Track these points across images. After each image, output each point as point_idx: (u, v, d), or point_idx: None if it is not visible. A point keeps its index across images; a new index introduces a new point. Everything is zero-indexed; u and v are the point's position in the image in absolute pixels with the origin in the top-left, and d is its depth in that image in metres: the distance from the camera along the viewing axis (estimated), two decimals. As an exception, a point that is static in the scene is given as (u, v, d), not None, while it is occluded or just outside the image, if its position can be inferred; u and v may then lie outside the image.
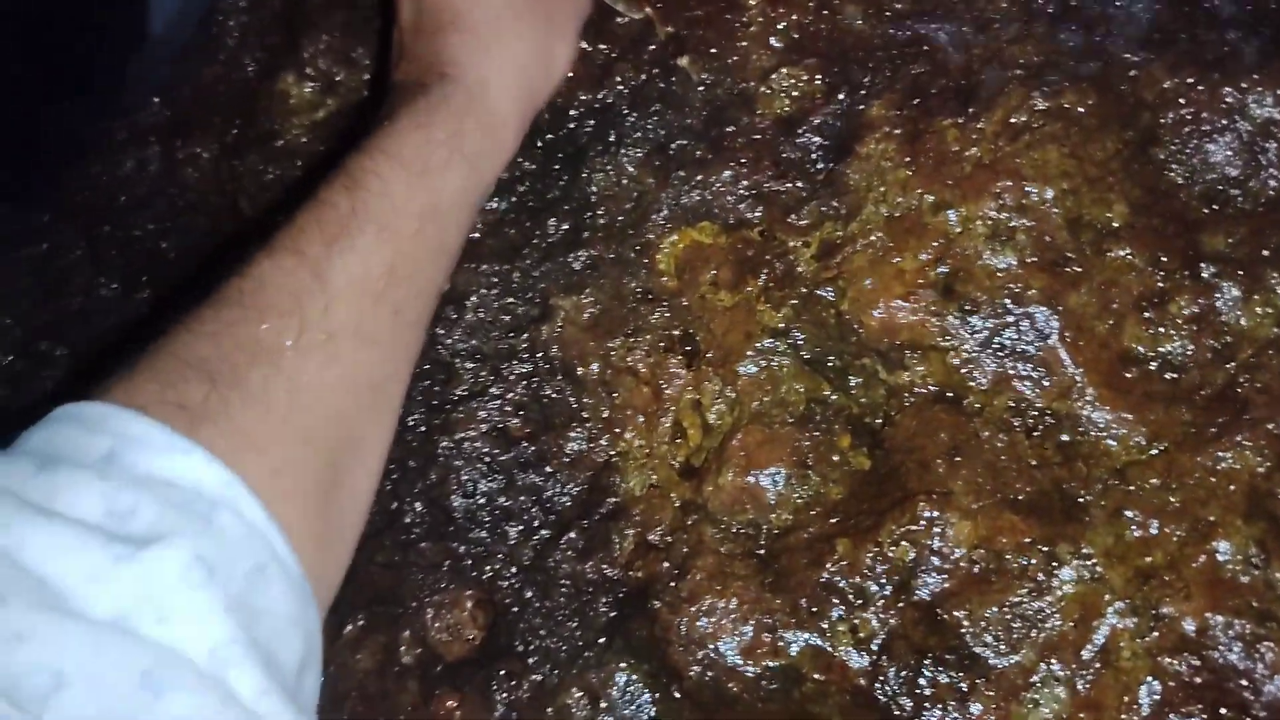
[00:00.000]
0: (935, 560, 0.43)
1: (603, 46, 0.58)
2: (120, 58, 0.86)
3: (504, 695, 0.48)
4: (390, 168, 0.41)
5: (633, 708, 0.46)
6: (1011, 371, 0.46)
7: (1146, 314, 0.45)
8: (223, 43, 0.72)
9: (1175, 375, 0.44)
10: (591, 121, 0.57)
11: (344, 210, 0.40)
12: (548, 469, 0.53)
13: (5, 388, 0.72)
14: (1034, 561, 0.42)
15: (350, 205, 0.40)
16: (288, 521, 0.35)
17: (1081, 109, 0.49)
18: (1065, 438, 0.44)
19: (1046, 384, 0.45)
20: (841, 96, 0.53)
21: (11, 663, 0.27)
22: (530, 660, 0.49)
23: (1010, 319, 0.46)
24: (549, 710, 0.47)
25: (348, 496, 0.40)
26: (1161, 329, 0.45)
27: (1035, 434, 0.45)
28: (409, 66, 0.48)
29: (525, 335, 0.55)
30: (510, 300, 0.56)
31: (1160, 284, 0.45)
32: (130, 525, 0.31)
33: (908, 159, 0.50)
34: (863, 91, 0.53)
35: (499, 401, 0.54)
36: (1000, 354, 0.46)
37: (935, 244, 0.48)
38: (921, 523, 0.43)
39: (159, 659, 0.29)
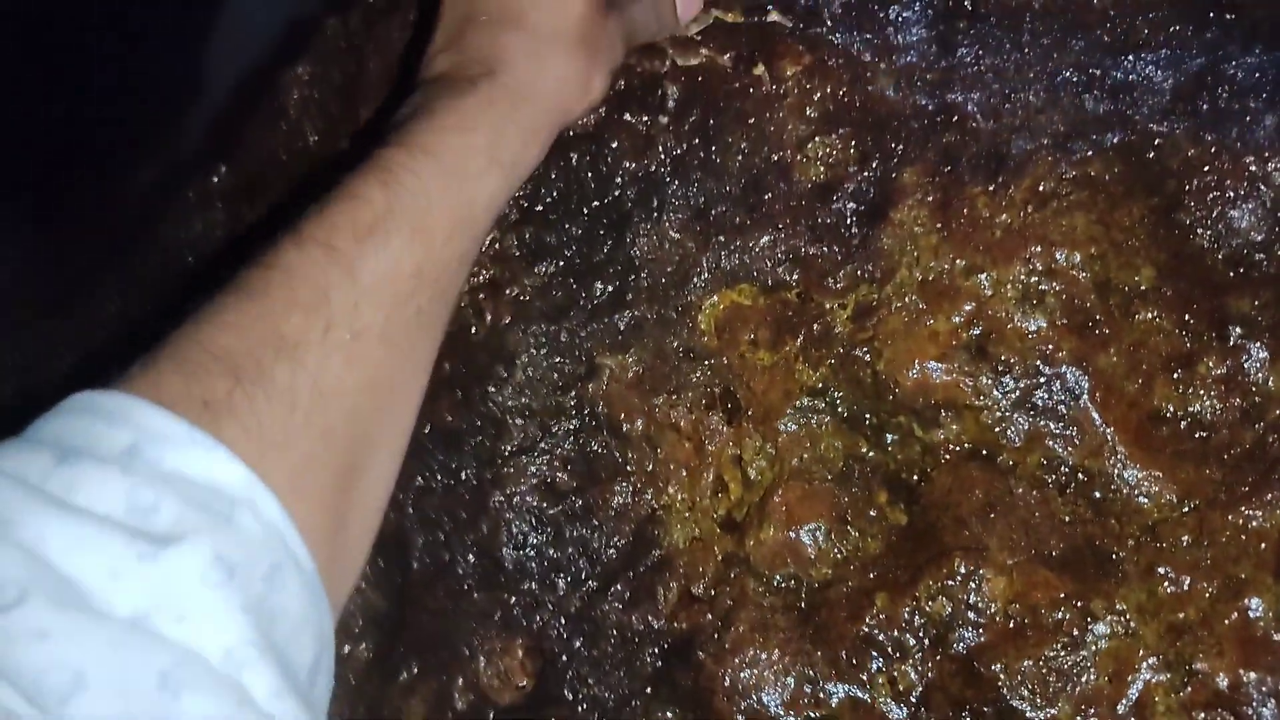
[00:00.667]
0: (971, 615, 0.44)
1: (646, 118, 0.61)
2: (182, 124, 0.91)
3: (553, 742, 0.50)
4: (429, 168, 0.40)
5: (677, 756, 0.48)
6: (1044, 430, 0.47)
7: (1175, 374, 0.47)
8: (285, 112, 0.76)
9: (1205, 434, 0.46)
10: (635, 189, 0.60)
11: (379, 207, 0.38)
12: (594, 522, 0.55)
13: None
14: (1068, 616, 0.43)
15: (386, 202, 0.38)
16: (304, 521, 0.34)
17: (1108, 176, 0.51)
18: (1097, 495, 0.46)
19: (1078, 442, 0.47)
20: (874, 164, 0.56)
21: (33, 660, 0.26)
22: (579, 708, 0.50)
23: (1042, 379, 0.48)
24: (596, 757, 0.49)
25: (362, 498, 0.39)
26: (1190, 389, 0.46)
27: (1068, 491, 0.46)
28: (457, 56, 0.46)
29: (573, 393, 0.57)
30: (558, 359, 0.58)
31: (1188, 345, 0.47)
32: (152, 523, 0.30)
33: (939, 224, 0.52)
34: (895, 159, 0.55)
35: (547, 456, 0.57)
36: (1032, 413, 0.48)
37: (968, 307, 0.50)
38: (957, 578, 0.45)
39: (177, 659, 0.28)
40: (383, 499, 0.41)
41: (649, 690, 0.49)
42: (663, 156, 0.60)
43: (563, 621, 0.53)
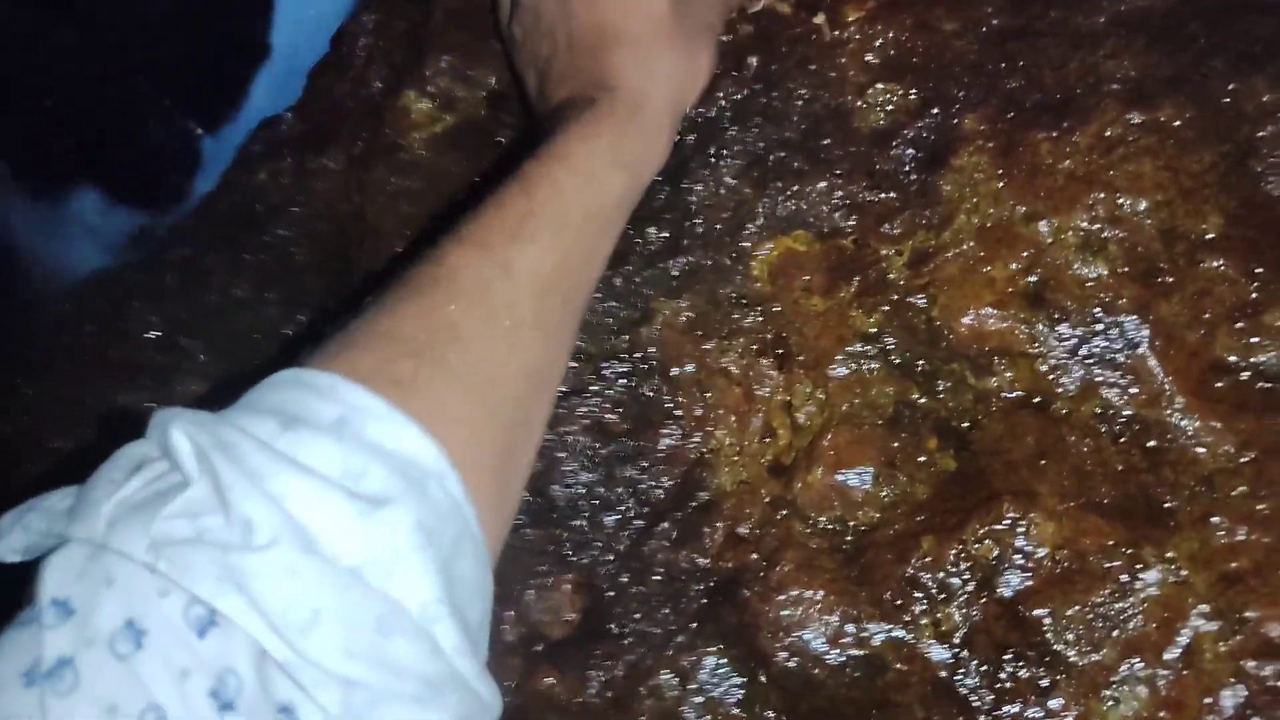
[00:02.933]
0: (1018, 559, 0.44)
1: (705, 64, 0.61)
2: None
3: (600, 674, 0.51)
4: (563, 173, 0.45)
5: (721, 690, 0.49)
6: (1099, 379, 0.47)
7: (1239, 324, 0.45)
8: (352, 61, 0.77)
9: (1268, 385, 0.45)
10: (694, 135, 0.60)
11: (523, 209, 0.43)
12: (643, 463, 0.56)
13: (152, 378, 0.79)
14: (1118, 563, 0.43)
15: (528, 205, 0.43)
16: (475, 494, 0.37)
17: (1178, 122, 0.49)
18: (1153, 444, 0.45)
19: (1135, 391, 0.46)
20: (935, 110, 0.55)
21: (280, 595, 0.30)
22: (625, 642, 0.51)
23: (1099, 327, 0.47)
24: (641, 689, 0.50)
25: (516, 475, 0.44)
26: (1255, 339, 0.45)
27: (1122, 440, 0.46)
28: (572, 83, 0.51)
29: (625, 337, 0.58)
30: (612, 304, 0.59)
31: (1254, 295, 0.46)
32: (363, 486, 0.33)
33: (1000, 171, 0.51)
34: (957, 105, 0.55)
35: (599, 398, 0.58)
36: (1089, 361, 0.47)
37: (1026, 254, 0.49)
38: (1006, 522, 0.45)
39: (389, 608, 0.32)
40: (526, 478, 0.45)
41: (694, 626, 0.50)
42: (722, 103, 0.60)
43: (611, 558, 0.54)
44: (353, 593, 0.32)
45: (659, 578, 0.53)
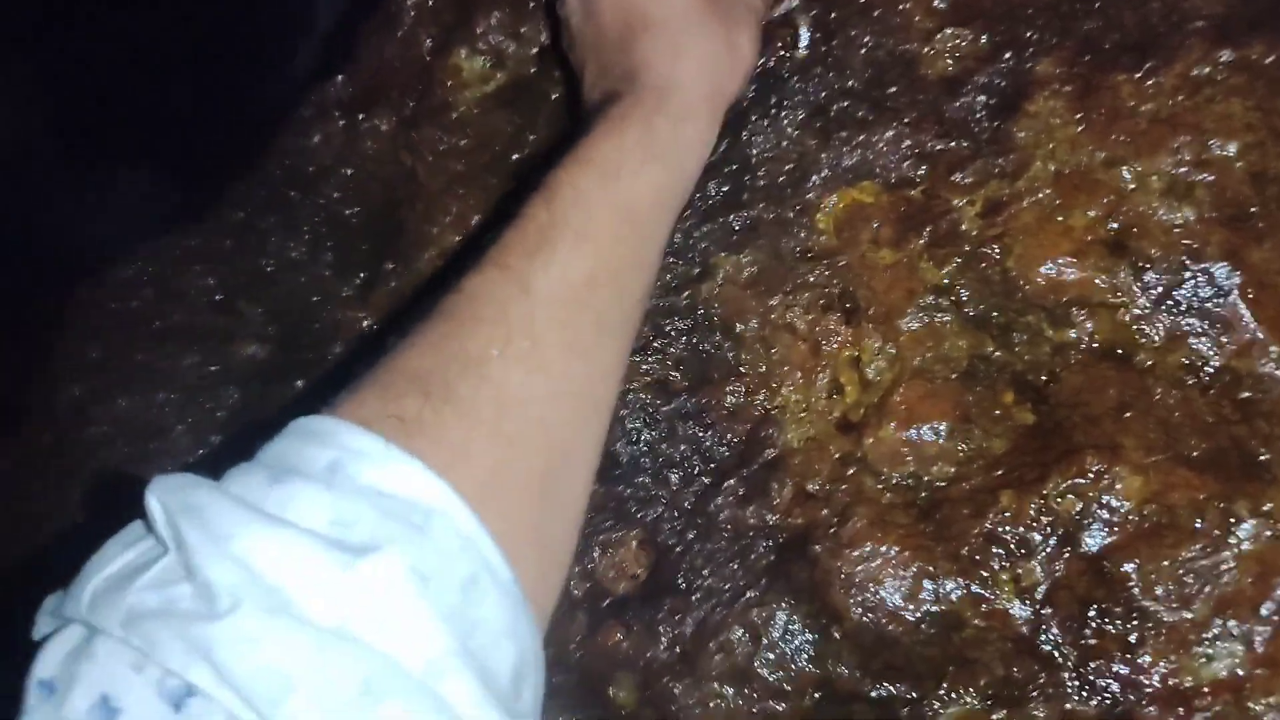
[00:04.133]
0: (1103, 513, 0.43)
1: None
2: (299, 35, 0.93)
3: (669, 630, 0.51)
4: (585, 174, 0.42)
5: (793, 646, 0.48)
6: (1187, 328, 0.45)
7: (1337, 269, 0.44)
8: (401, 21, 0.76)
9: (1368, 333, 0.43)
10: (753, 86, 0.58)
11: (543, 221, 0.40)
12: (707, 420, 0.55)
13: (211, 340, 0.80)
14: (1209, 517, 0.41)
15: (549, 215, 0.40)
16: (500, 530, 0.35)
17: (1270, 60, 0.47)
18: (1245, 395, 0.43)
19: (1225, 341, 0.44)
20: (1008, 55, 0.53)
21: (246, 665, 0.28)
22: (693, 598, 0.51)
23: (1186, 275, 0.45)
24: (711, 645, 0.50)
25: (560, 505, 0.41)
26: (1353, 285, 0.43)
27: (1211, 391, 0.44)
28: (602, 81, 0.49)
29: (686, 293, 0.57)
30: (672, 260, 0.58)
31: (1353, 239, 0.44)
32: (352, 535, 0.31)
33: (1078, 115, 0.50)
34: (1030, 49, 0.53)
35: (661, 355, 0.57)
36: (1175, 311, 0.46)
37: (1106, 200, 0.47)
38: (1089, 476, 0.43)
39: (377, 667, 0.30)
40: (583, 501, 0.43)
41: (764, 582, 0.50)
42: (782, 52, 0.58)
43: (676, 515, 0.54)
44: (331, 654, 0.29)
45: (726, 534, 0.52)
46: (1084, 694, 0.42)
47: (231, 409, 0.81)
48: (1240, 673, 0.39)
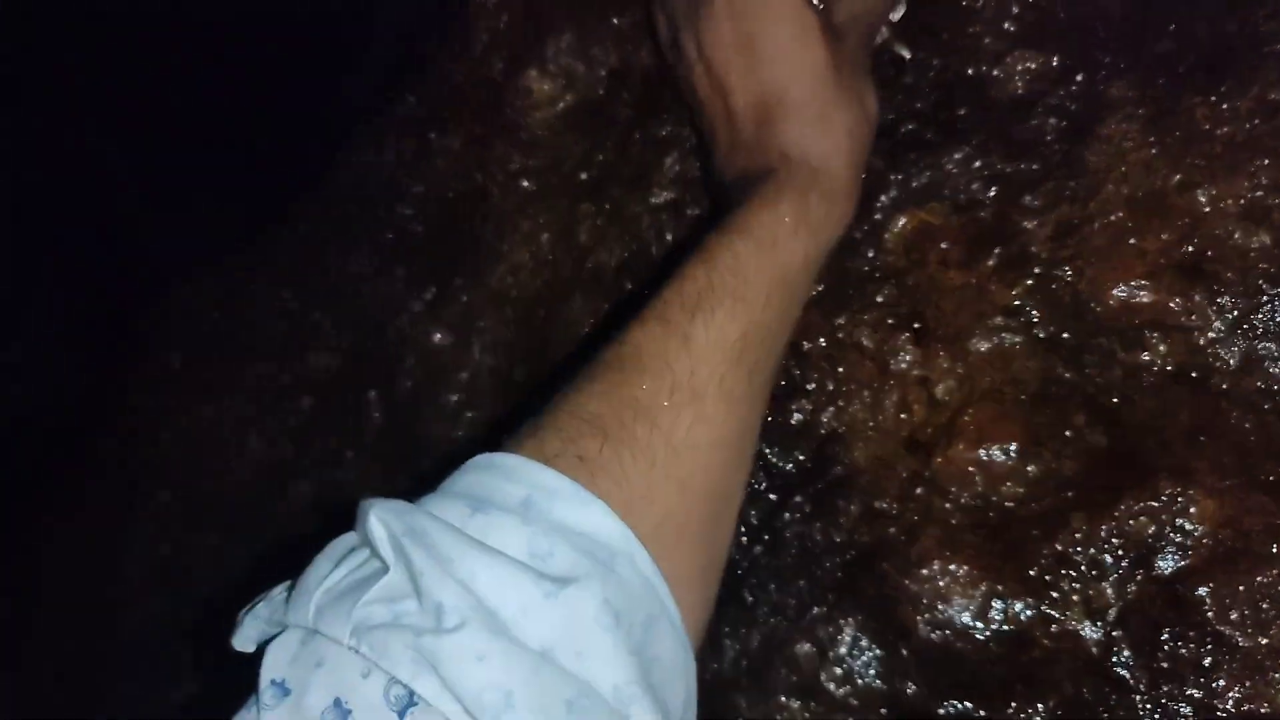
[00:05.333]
0: (1176, 537, 0.43)
1: (834, 36, 0.60)
2: (372, 55, 0.96)
3: (734, 643, 0.52)
4: (743, 244, 0.44)
5: (860, 662, 0.49)
6: (1263, 353, 0.45)
7: None
8: (474, 43, 0.79)
9: None
10: (822, 108, 0.59)
11: (702, 283, 0.43)
12: (773, 437, 0.56)
13: (285, 351, 0.83)
14: (1286, 543, 0.41)
15: (708, 279, 0.43)
16: (670, 572, 0.38)
17: (1349, 84, 0.47)
18: (1324, 421, 0.43)
19: (1303, 366, 0.44)
20: (1079, 78, 0.53)
21: (473, 679, 0.31)
22: (760, 612, 0.52)
23: (1263, 299, 0.45)
24: (777, 659, 0.50)
25: (717, 549, 0.43)
26: None
27: (1289, 416, 0.44)
28: (746, 156, 0.50)
29: (753, 311, 0.58)
30: (740, 278, 0.59)
31: None
32: (549, 566, 0.34)
33: (1152, 139, 0.50)
34: (1103, 72, 0.53)
35: (728, 373, 0.58)
36: (1251, 335, 0.45)
37: (1181, 224, 0.48)
38: (1162, 499, 0.44)
39: (579, 691, 0.33)
40: (729, 548, 0.45)
41: (831, 598, 0.50)
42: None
43: (742, 530, 0.55)
44: (544, 675, 0.32)
45: (793, 550, 0.53)
46: (1155, 717, 0.42)
47: (303, 417, 0.83)
48: (1320, 700, 0.39)
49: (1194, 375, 0.46)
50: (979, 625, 0.46)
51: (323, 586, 0.34)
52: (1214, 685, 0.41)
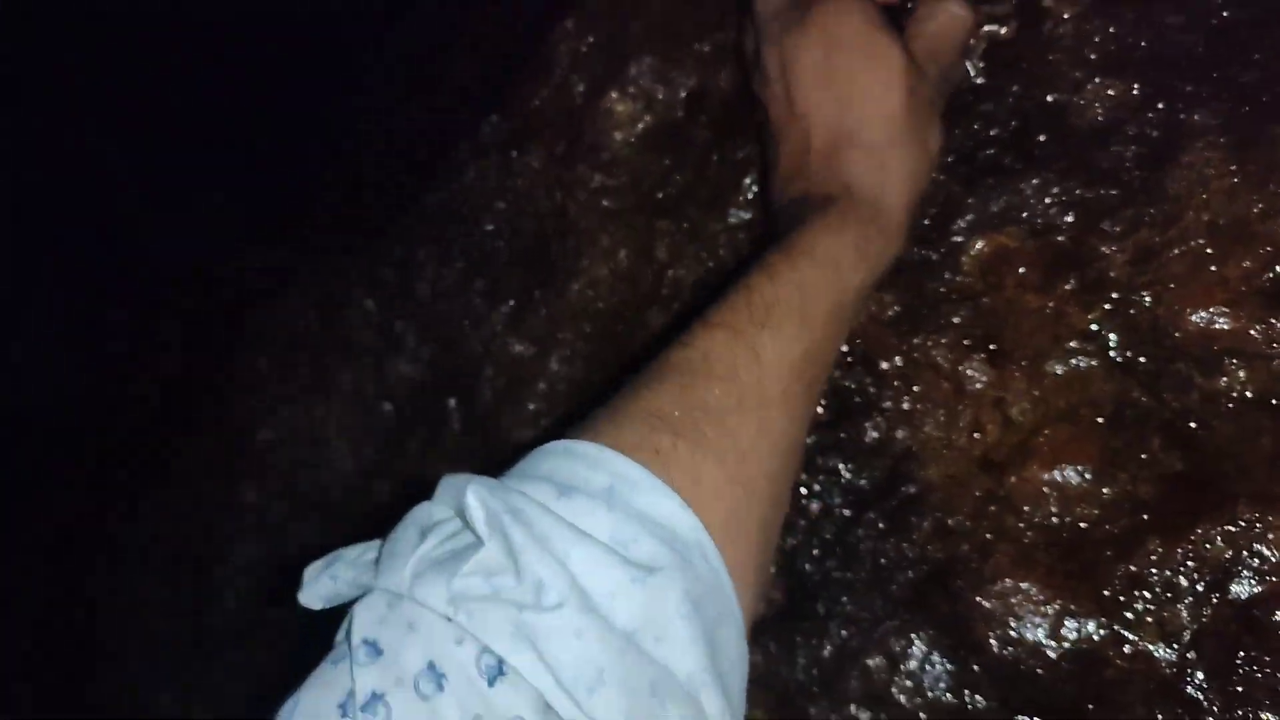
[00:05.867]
0: (1254, 562, 0.43)
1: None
2: (456, 77, 1.00)
3: (806, 653, 0.53)
4: (809, 265, 0.47)
5: (931, 675, 0.50)
6: (1346, 381, 0.45)
7: None
8: (554, 66, 0.82)
9: None
10: (900, 133, 0.60)
11: (769, 297, 0.45)
12: (848, 453, 0.57)
13: (369, 359, 0.86)
14: (1368, 572, 0.41)
15: (775, 294, 0.45)
16: (732, 568, 0.39)
17: None
18: None
19: (1387, 395, 0.44)
20: (1160, 105, 0.54)
21: (569, 654, 0.33)
22: (832, 624, 0.53)
23: (1347, 328, 0.46)
24: (849, 670, 0.52)
25: (770, 551, 0.45)
26: None
27: (1371, 445, 0.44)
28: (807, 184, 0.52)
29: (828, 330, 0.59)
30: (816, 297, 0.60)
31: None
32: (632, 553, 0.36)
33: (1233, 167, 0.50)
34: (1183, 100, 0.54)
35: (802, 389, 0.59)
36: (1333, 364, 0.46)
37: (1263, 251, 0.48)
38: (1240, 524, 0.44)
39: (660, 673, 0.34)
40: (774, 553, 0.47)
41: (903, 612, 0.51)
42: (930, 101, 0.60)
43: (816, 544, 0.56)
44: (630, 656, 0.34)
45: (865, 564, 0.54)
46: (1231, 741, 0.43)
47: (386, 423, 0.87)
48: (1401, 730, 0.39)
49: (1275, 402, 0.47)
50: (1051, 644, 0.47)
51: (416, 554, 0.35)
52: (1292, 711, 0.41)
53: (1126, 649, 0.46)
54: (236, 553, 0.85)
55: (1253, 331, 0.48)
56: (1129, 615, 0.46)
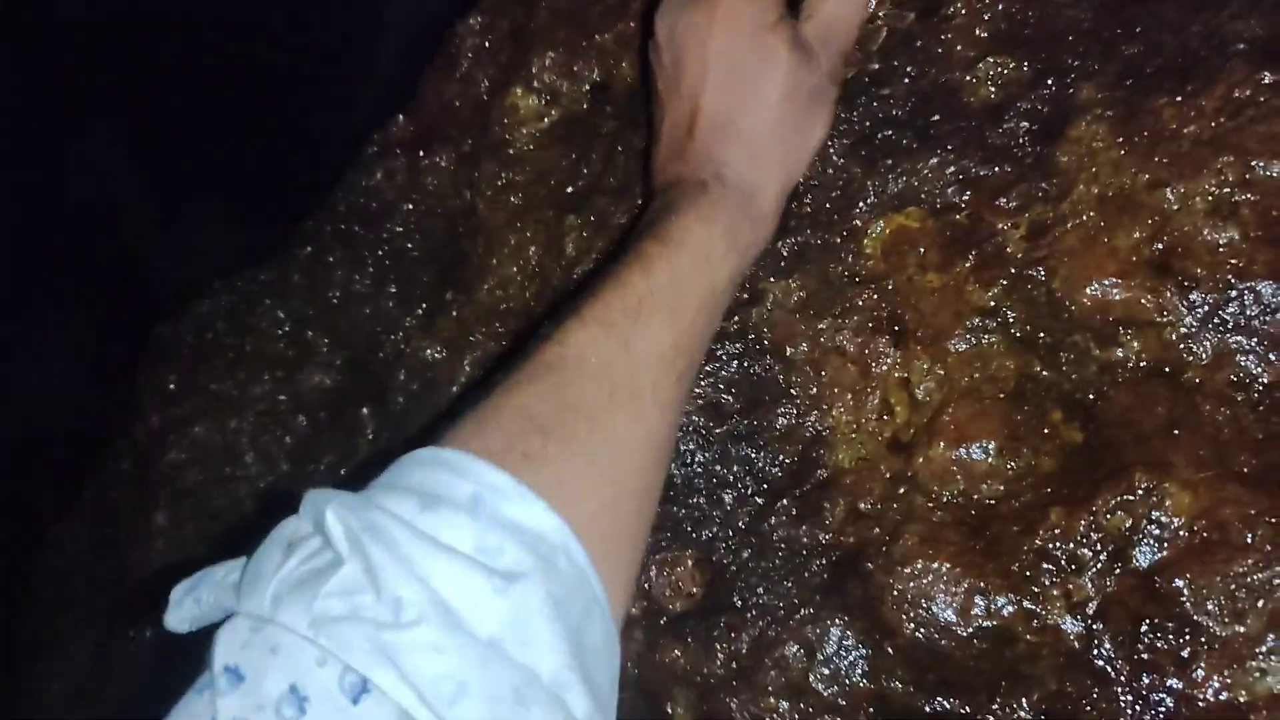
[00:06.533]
0: (1153, 530, 0.44)
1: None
2: (361, 77, 0.97)
3: (725, 646, 0.53)
4: (680, 256, 0.47)
5: (847, 661, 0.49)
6: (1234, 346, 0.46)
7: (1386, 286, 0.44)
8: (459, 62, 0.80)
9: None
10: (800, 117, 0.60)
11: (642, 290, 0.46)
12: (759, 442, 0.57)
13: (281, 370, 0.84)
14: (1261, 533, 0.42)
15: (647, 287, 0.46)
16: (601, 563, 0.40)
17: (1311, 80, 0.48)
18: (1295, 411, 0.44)
19: (1273, 358, 0.45)
20: (1050, 81, 0.54)
21: (429, 670, 0.33)
22: (749, 615, 0.53)
23: (1232, 294, 0.46)
24: (767, 661, 0.51)
25: (641, 539, 0.46)
26: (1403, 301, 0.44)
27: (1260, 408, 0.45)
28: (683, 165, 0.52)
29: (736, 318, 0.59)
30: (723, 286, 0.60)
31: (1401, 255, 0.44)
32: (498, 561, 0.36)
33: (1120, 139, 0.51)
34: (1072, 75, 0.54)
35: (713, 379, 0.59)
36: (1222, 329, 0.46)
37: (1151, 222, 0.48)
38: (1139, 493, 0.44)
39: (524, 678, 0.35)
40: (648, 540, 0.47)
41: (818, 599, 0.51)
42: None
43: (730, 534, 0.56)
44: (493, 665, 0.34)
45: (780, 553, 0.53)
46: (1137, 708, 0.43)
47: (300, 435, 0.84)
48: (1295, 687, 0.40)
49: (1167, 370, 0.47)
50: (962, 622, 0.46)
51: (278, 575, 0.35)
52: (1194, 675, 0.41)
53: (1035, 623, 0.46)
54: (151, 577, 0.82)
55: (1144, 301, 0.48)
56: (1036, 589, 0.46)
